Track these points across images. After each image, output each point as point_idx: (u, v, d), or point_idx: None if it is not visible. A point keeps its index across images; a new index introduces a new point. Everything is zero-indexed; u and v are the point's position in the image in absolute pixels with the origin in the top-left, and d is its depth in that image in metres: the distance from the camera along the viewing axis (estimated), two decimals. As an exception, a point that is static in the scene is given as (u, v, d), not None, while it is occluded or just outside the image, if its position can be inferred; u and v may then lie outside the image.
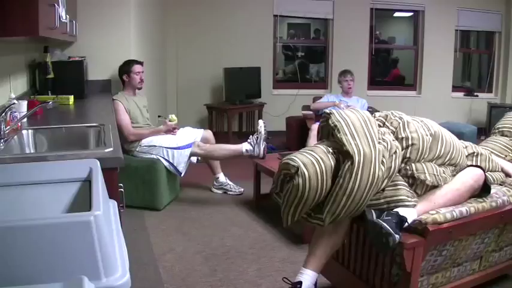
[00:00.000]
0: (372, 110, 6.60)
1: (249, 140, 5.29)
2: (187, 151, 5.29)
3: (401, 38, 12.32)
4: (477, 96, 10.59)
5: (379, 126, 3.14)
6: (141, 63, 5.46)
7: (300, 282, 2.89)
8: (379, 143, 2.89)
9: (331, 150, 2.87)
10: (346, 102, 6.99)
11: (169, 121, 5.43)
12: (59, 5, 3.45)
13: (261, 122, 5.36)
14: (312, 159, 2.76)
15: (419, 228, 2.75)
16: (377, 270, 3.02)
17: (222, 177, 5.85)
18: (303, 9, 9.30)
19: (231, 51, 8.69)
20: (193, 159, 5.55)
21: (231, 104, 8.25)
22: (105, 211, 1.67)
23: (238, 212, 5.26)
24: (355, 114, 3.00)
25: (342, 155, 2.81)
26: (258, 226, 4.89)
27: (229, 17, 8.70)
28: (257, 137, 5.23)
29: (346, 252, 3.29)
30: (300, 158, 2.76)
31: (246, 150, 5.27)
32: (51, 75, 4.98)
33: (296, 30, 11.14)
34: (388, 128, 3.12)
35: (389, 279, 2.93)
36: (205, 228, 4.81)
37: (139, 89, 5.52)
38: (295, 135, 7.80)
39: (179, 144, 5.29)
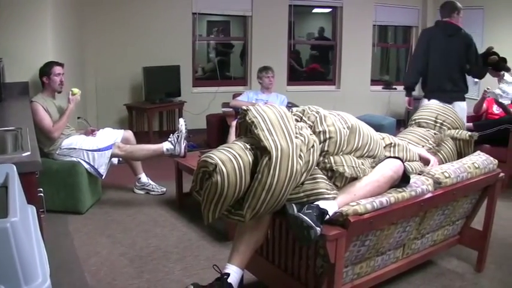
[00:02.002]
0: (291, 106, 6.67)
1: (169, 139, 5.26)
2: (108, 153, 5.22)
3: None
4: (395, 89, 10.89)
5: (297, 121, 3.17)
6: (61, 64, 5.32)
7: (228, 274, 2.89)
8: (296, 137, 2.91)
9: (248, 146, 2.87)
10: (263, 100, 7.04)
11: (72, 94, 5.32)
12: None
13: (181, 120, 5.34)
14: (230, 156, 2.76)
15: (340, 220, 2.78)
16: (302, 263, 3.05)
17: (144, 178, 5.81)
18: (222, 6, 9.31)
19: (150, 50, 8.60)
20: (115, 160, 5.49)
21: (151, 103, 8.17)
22: (23, 217, 1.64)
23: (162, 212, 5.24)
24: (271, 109, 3.01)
25: (260, 151, 2.81)
26: (181, 225, 4.88)
27: (147, 15, 8.60)
28: (178, 136, 5.21)
29: (270, 247, 3.31)
30: (218, 155, 2.76)
31: (167, 149, 5.24)
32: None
33: (216, 27, 11.15)
34: (306, 123, 3.15)
35: (314, 271, 2.97)
36: (129, 229, 4.77)
37: (59, 92, 5.39)
38: (215, 132, 7.83)
39: (99, 146, 5.22)
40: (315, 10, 12.33)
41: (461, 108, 5.85)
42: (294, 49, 10.93)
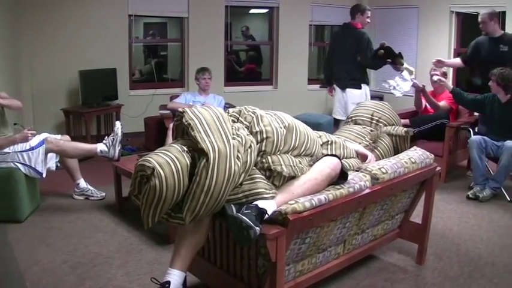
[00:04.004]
0: (229, 107, 6.68)
1: (104, 141, 5.20)
2: (42, 149, 5.07)
3: (257, 34, 12.55)
4: (333, 87, 10.94)
5: (233, 122, 3.16)
6: None
7: (168, 282, 2.87)
8: (233, 138, 2.91)
9: (186, 149, 2.86)
10: (200, 102, 7.04)
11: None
12: None
13: (118, 123, 5.27)
14: (167, 159, 2.74)
15: (280, 219, 2.80)
16: (243, 263, 3.06)
17: (82, 183, 5.70)
18: (158, 8, 9.19)
19: (86, 53, 8.42)
20: (53, 166, 5.38)
21: (88, 107, 8.01)
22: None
23: (102, 217, 5.16)
24: (208, 111, 3.00)
25: (197, 153, 2.80)
26: (122, 230, 4.83)
27: (82, 18, 8.42)
28: (113, 139, 5.15)
29: (212, 249, 3.30)
30: (155, 159, 2.73)
31: (101, 151, 5.18)
32: None
33: (152, 29, 11.06)
34: (242, 123, 3.15)
35: (256, 270, 2.98)
36: (70, 236, 4.68)
37: None
38: (153, 135, 7.75)
39: (32, 144, 5.06)
40: (252, 11, 12.35)
41: (353, 94, 7.01)
42: (231, 49, 10.94)
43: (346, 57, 7.01)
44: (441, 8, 9.78)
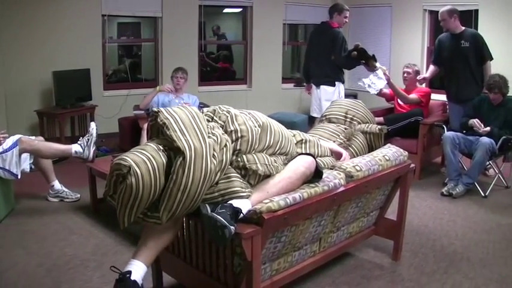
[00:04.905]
0: (203, 106, 6.68)
1: (79, 142, 5.16)
2: (15, 150, 5.00)
3: (231, 33, 12.55)
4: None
5: (208, 121, 3.15)
6: None
7: (130, 272, 2.80)
8: (208, 137, 2.90)
9: (161, 148, 2.84)
10: (175, 101, 7.04)
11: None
12: None
13: (93, 124, 5.24)
14: (144, 158, 2.72)
15: (255, 218, 2.80)
16: (219, 262, 3.05)
17: (57, 185, 5.65)
18: (132, 8, 9.14)
19: (60, 54, 8.34)
20: (27, 167, 5.32)
21: (62, 109, 7.95)
22: None
23: (77, 219, 5.13)
24: (183, 110, 2.99)
25: (173, 152, 2.79)
26: (98, 232, 4.80)
27: (55, 18, 8.32)
28: (88, 139, 5.12)
29: (187, 249, 3.29)
30: (131, 158, 2.71)
31: (76, 151, 5.14)
32: None
33: (126, 29, 11.00)
34: (217, 123, 3.14)
35: (232, 270, 2.97)
36: (45, 239, 4.64)
37: None
38: (128, 136, 7.69)
39: (4, 147, 5.01)
40: (226, 10, 12.35)
41: (326, 91, 7.07)
42: (204, 50, 10.95)
43: (321, 55, 7.08)
44: (414, 7, 9.87)
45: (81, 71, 8.42)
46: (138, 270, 2.85)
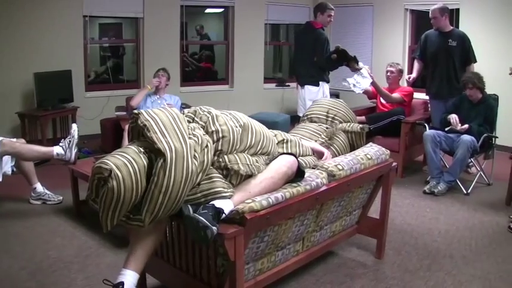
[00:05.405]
0: (185, 107, 6.67)
1: (61, 144, 5.11)
2: None
3: (214, 34, 12.55)
4: (288, 86, 11.07)
5: (189, 122, 3.15)
6: None
7: (122, 283, 2.83)
8: (189, 138, 2.90)
9: (142, 150, 2.83)
10: (157, 102, 7.01)
11: None
12: None
13: (74, 125, 5.19)
14: (124, 161, 2.71)
15: (237, 218, 2.80)
16: (203, 263, 3.05)
17: (39, 187, 5.61)
18: (113, 8, 9.09)
19: (41, 55, 8.28)
20: (9, 170, 5.27)
21: (44, 110, 7.89)
22: None
23: (60, 222, 5.09)
24: (163, 112, 2.99)
25: (154, 154, 2.78)
26: (81, 234, 4.78)
27: (36, 19, 8.25)
28: (70, 141, 5.08)
29: (170, 250, 3.28)
30: (112, 161, 2.70)
31: (57, 153, 5.08)
32: None
33: (108, 30, 10.96)
34: (198, 123, 3.14)
35: (215, 270, 2.97)
36: (28, 242, 4.60)
37: None
38: (110, 137, 7.66)
39: None
40: (208, 10, 12.34)
41: (310, 91, 7.00)
42: (186, 50, 10.94)
43: (305, 55, 7.08)
44: (395, 6, 9.93)
45: (63, 72, 8.36)
46: (130, 279, 2.87)
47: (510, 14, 8.10)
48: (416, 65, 7.23)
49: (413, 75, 7.18)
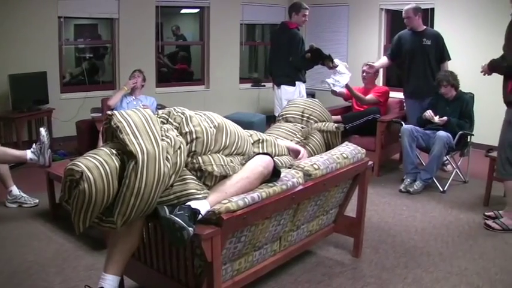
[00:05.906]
0: (161, 107, 6.66)
1: (32, 150, 5.03)
2: None
3: (189, 34, 12.52)
4: (264, 86, 11.10)
5: (163, 123, 3.15)
6: None
7: None
8: (162, 140, 2.89)
9: (115, 152, 2.82)
10: (133, 102, 7.00)
11: None
12: None
13: (42, 130, 5.08)
14: (96, 163, 2.70)
15: (213, 219, 2.80)
16: (180, 264, 3.04)
17: (15, 190, 5.55)
18: (88, 9, 9.00)
19: (15, 56, 8.18)
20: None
21: (19, 112, 7.82)
22: None
23: (36, 225, 5.05)
24: (136, 113, 2.98)
25: (126, 155, 2.78)
26: (57, 237, 4.75)
27: (10, 20, 8.14)
28: (40, 147, 5.00)
29: (147, 252, 3.27)
30: (84, 163, 2.69)
31: (30, 158, 5.03)
32: None
33: (83, 31, 10.88)
34: (172, 124, 3.14)
35: (193, 271, 2.97)
36: (4, 246, 4.56)
37: None
38: (86, 139, 7.58)
39: None
40: (183, 11, 12.31)
41: (286, 91, 7.05)
42: (162, 51, 10.92)
43: (281, 55, 7.11)
44: (371, 6, 10.00)
45: (38, 73, 8.27)
46: (110, 283, 2.89)
47: (484, 13, 8.18)
48: (384, 58, 7.37)
49: (376, 64, 7.33)
